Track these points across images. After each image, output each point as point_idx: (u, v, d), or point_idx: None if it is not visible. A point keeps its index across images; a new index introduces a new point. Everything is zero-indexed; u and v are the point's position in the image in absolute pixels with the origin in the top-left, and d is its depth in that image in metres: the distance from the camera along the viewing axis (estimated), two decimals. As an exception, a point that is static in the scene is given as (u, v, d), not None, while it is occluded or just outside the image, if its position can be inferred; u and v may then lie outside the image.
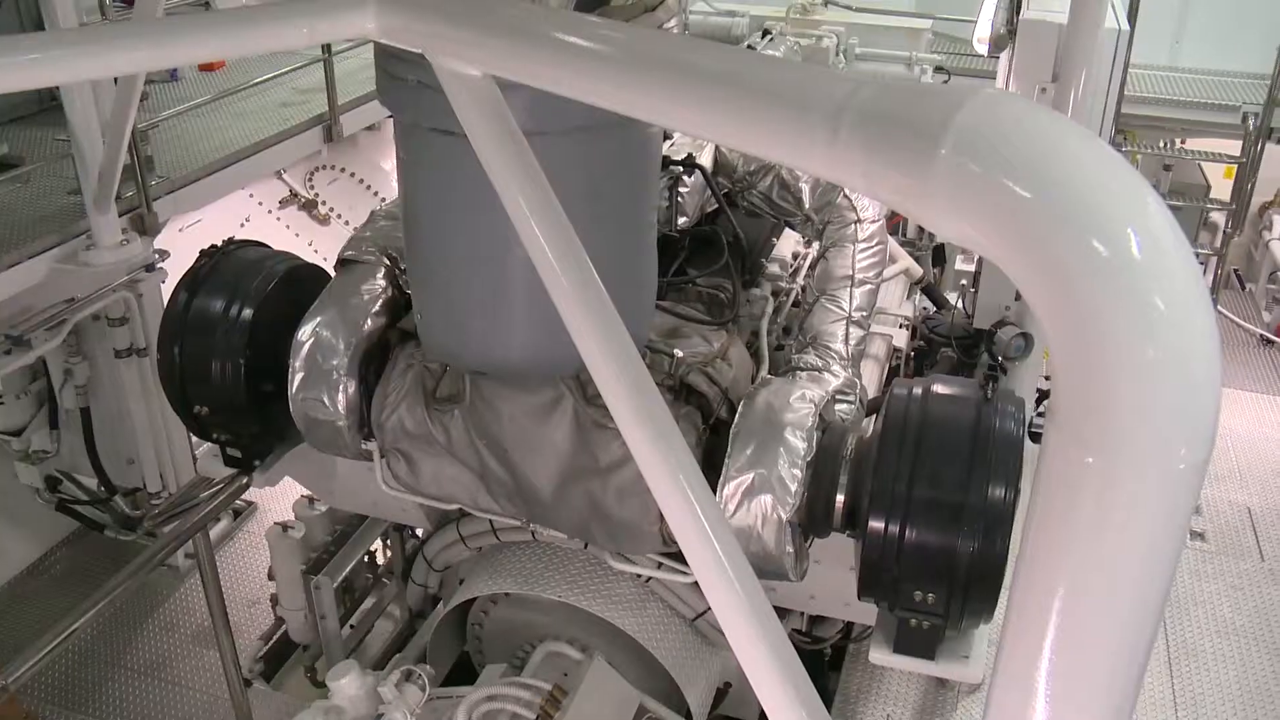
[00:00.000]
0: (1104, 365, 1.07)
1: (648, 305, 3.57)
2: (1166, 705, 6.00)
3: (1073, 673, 1.24)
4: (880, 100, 1.20)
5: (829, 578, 3.87)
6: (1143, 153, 9.44)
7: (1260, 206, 12.42)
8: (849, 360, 3.87)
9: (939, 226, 1.16)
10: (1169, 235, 1.09)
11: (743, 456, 3.28)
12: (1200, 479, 1.14)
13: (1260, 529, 7.48)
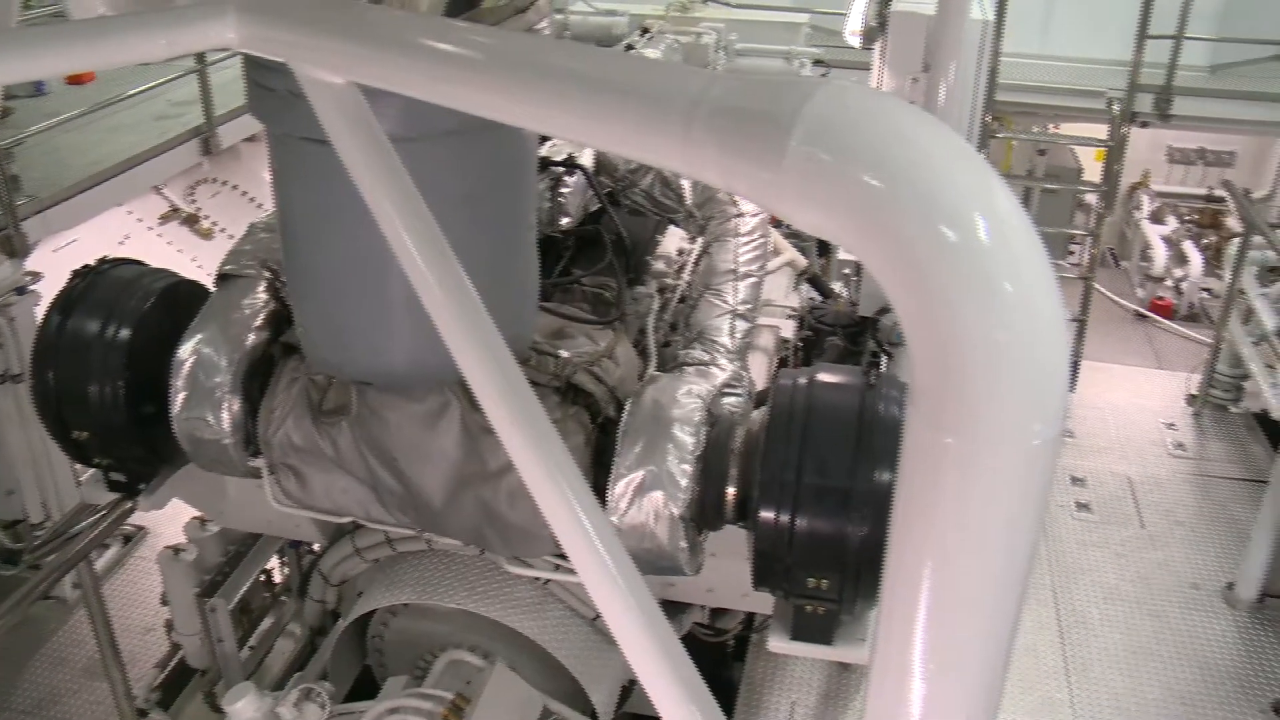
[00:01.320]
0: (957, 349, 1.09)
1: (530, 307, 3.56)
2: (1059, 672, 6.18)
3: (946, 646, 1.27)
4: (732, 94, 1.21)
5: (726, 570, 3.90)
6: (1017, 138, 9.67)
7: (1130, 187, 12.85)
8: (735, 353, 3.91)
9: (794, 217, 1.18)
10: (1015, 221, 1.12)
11: (632, 454, 3.29)
12: (1055, 453, 1.18)
13: (1140, 497, 7.75)
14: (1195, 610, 6.72)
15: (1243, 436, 8.60)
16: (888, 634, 1.31)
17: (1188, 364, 9.59)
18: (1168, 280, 11.61)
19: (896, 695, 1.33)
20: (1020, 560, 1.23)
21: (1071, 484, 7.85)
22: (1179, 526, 7.47)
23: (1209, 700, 6.08)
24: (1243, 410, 8.78)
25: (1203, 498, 7.82)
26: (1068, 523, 7.41)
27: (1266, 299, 7.91)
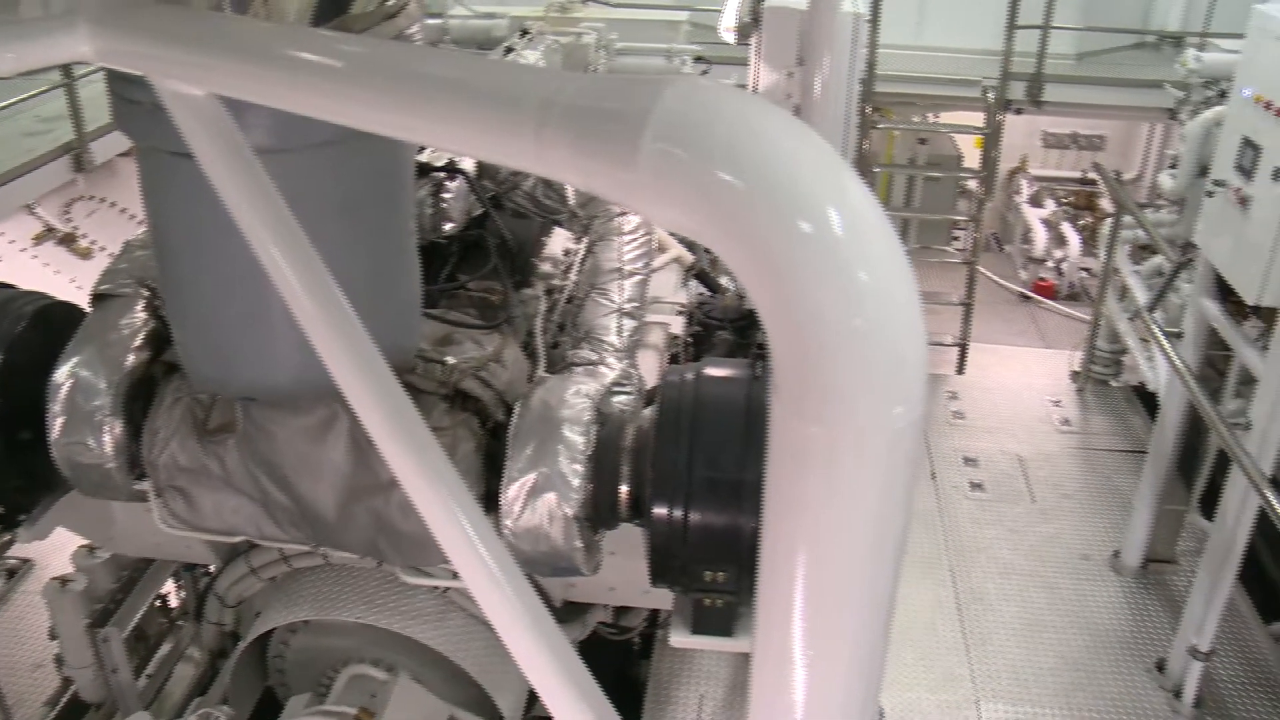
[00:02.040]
0: (816, 339, 1.11)
1: (414, 315, 3.52)
2: (958, 648, 6.32)
3: (824, 631, 1.29)
4: (584, 95, 1.22)
5: (626, 568, 3.91)
6: (898, 128, 9.85)
7: (1009, 172, 13.21)
8: (624, 352, 3.92)
9: (652, 215, 1.19)
10: (868, 212, 1.15)
11: (522, 457, 3.29)
12: (918, 434, 1.21)
13: (1030, 474, 7.96)
14: (1085, 580, 6.92)
15: (1123, 409, 8.88)
16: (767, 623, 1.32)
17: (1071, 342, 9.87)
18: (1049, 261, 11.96)
19: (778, 683, 1.34)
20: (891, 542, 1.25)
21: (964, 464, 8.03)
22: (1068, 500, 7.69)
23: (1099, 664, 6.27)
24: (1122, 384, 9.07)
25: (1089, 471, 8.05)
26: (962, 503, 7.58)
27: (1139, 276, 8.18)
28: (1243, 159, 5.45)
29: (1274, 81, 5.21)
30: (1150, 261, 8.33)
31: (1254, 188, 5.32)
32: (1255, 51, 5.50)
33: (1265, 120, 5.23)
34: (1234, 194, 5.49)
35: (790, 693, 1.34)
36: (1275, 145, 5.17)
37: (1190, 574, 6.19)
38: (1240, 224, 5.42)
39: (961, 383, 9.21)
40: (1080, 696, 6.05)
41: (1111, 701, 6.03)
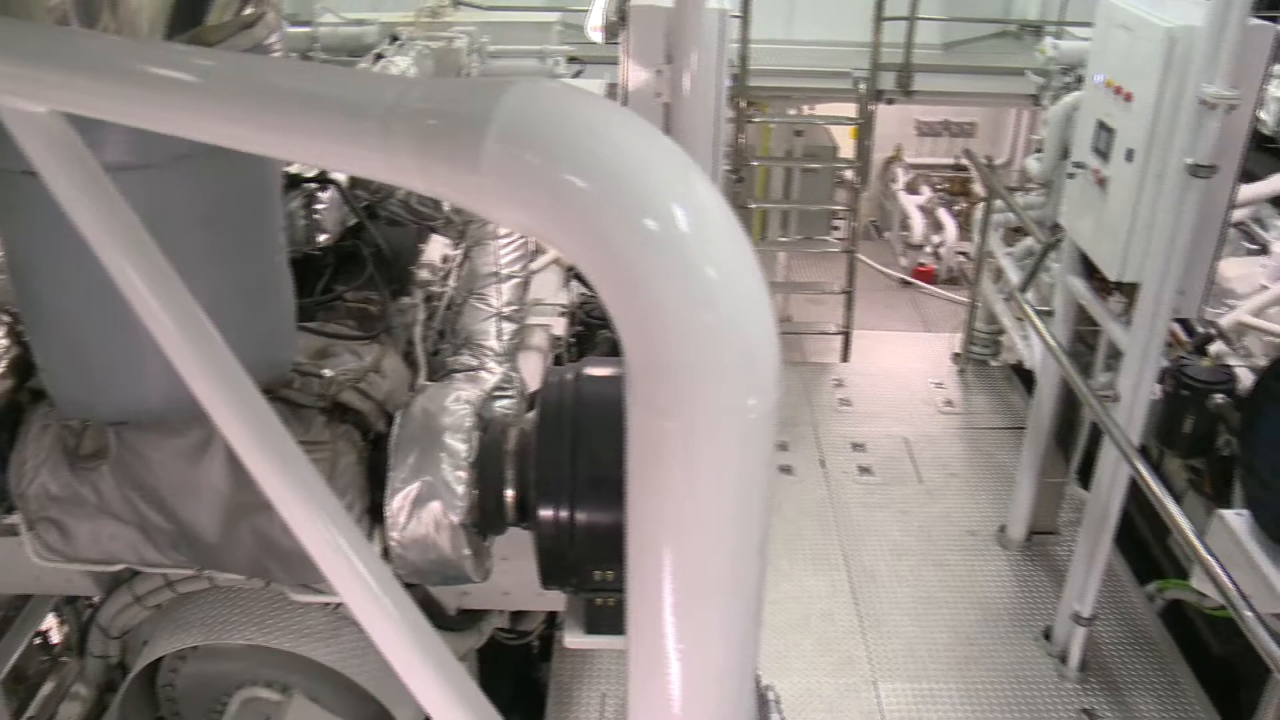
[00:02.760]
0: (666, 335, 1.12)
1: (287, 329, 3.46)
2: (854, 630, 6.43)
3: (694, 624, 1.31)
4: (427, 98, 1.21)
5: (519, 571, 3.90)
6: (773, 121, 9.96)
7: (885, 161, 13.45)
8: (504, 355, 3.91)
9: (499, 218, 1.19)
10: (714, 208, 1.16)
11: (405, 466, 3.26)
12: (773, 424, 1.22)
13: (916, 455, 8.13)
14: (973, 555, 7.10)
15: (1003, 388, 9.12)
16: (638, 619, 1.34)
17: (951, 325, 10.10)
18: (927, 247, 12.21)
19: (654, 677, 1.36)
20: (754, 531, 1.27)
21: (852, 450, 8.17)
22: (954, 479, 7.88)
23: (990, 636, 6.44)
24: (1001, 363, 9.32)
25: (972, 449, 8.26)
26: (851, 488, 7.72)
27: (1012, 258, 8.39)
28: (1098, 142, 5.64)
29: (1122, 67, 5.40)
30: (1022, 243, 8.55)
31: (1110, 169, 5.51)
32: (1104, 39, 5.70)
33: (1116, 104, 5.42)
34: (1093, 175, 5.67)
35: (667, 686, 1.35)
36: (1126, 128, 5.35)
37: (1071, 543, 6.38)
38: (1100, 204, 5.61)
39: (846, 370, 9.37)
40: (973, 669, 6.20)
41: (1003, 671, 6.20)
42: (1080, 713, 5.98)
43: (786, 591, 6.70)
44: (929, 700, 5.99)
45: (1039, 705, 6.00)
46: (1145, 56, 5.13)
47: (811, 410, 8.67)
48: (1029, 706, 5.99)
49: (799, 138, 10.83)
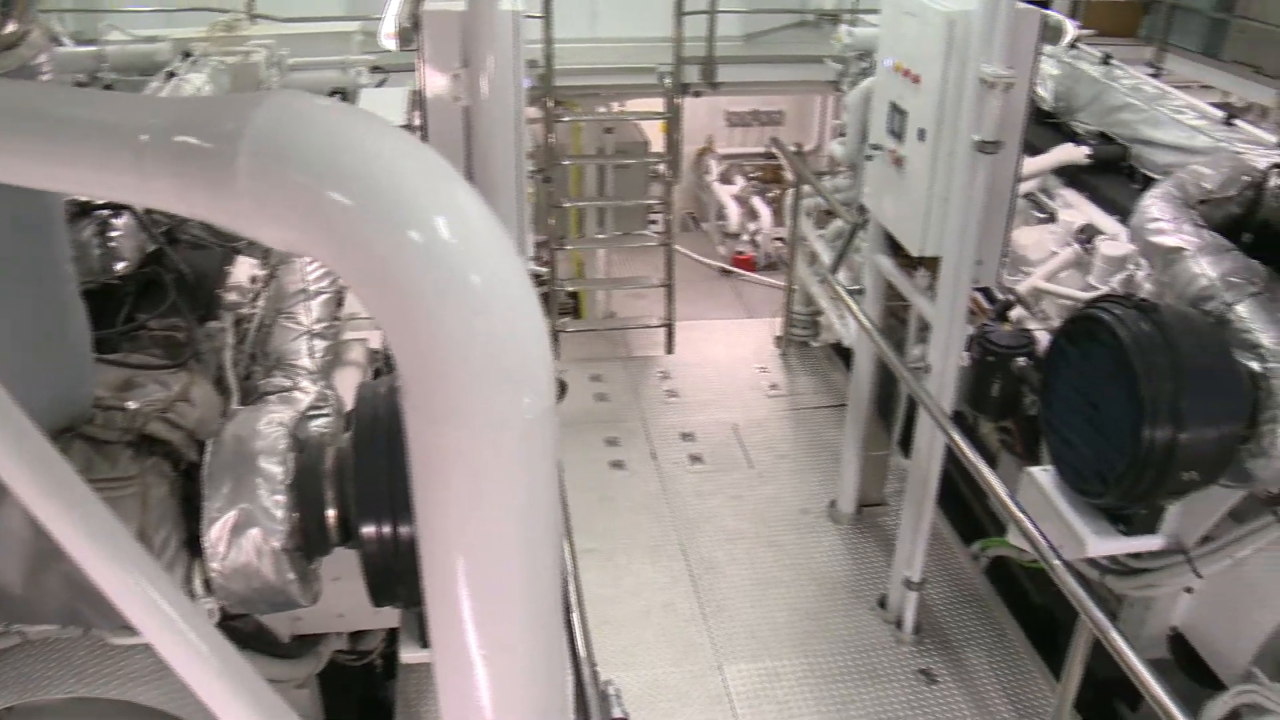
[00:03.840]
0: (437, 345, 1.13)
1: (83, 364, 3.33)
2: (696, 617, 6.53)
3: (496, 627, 1.32)
4: (178, 118, 1.19)
5: (352, 591, 3.82)
6: (582, 120, 10.00)
7: (698, 153, 13.64)
8: (318, 373, 3.84)
9: (261, 237, 1.18)
10: (477, 215, 1.18)
11: (220, 495, 3.17)
12: (552, 422, 1.24)
13: (745, 440, 8.29)
14: (807, 533, 7.28)
15: (825, 367, 9.38)
16: (439, 629, 1.34)
17: (771, 309, 10.30)
18: (744, 235, 12.45)
19: (463, 686, 1.36)
20: (544, 527, 1.29)
21: (682, 440, 8.28)
22: (783, 460, 8.06)
23: (828, 609, 6.63)
24: (822, 344, 9.57)
25: (799, 430, 8.47)
26: (684, 478, 7.82)
27: (824, 241, 8.63)
28: (893, 123, 5.85)
29: (909, 51, 5.61)
30: (833, 225, 8.78)
31: (905, 149, 5.72)
32: (891, 24, 5.91)
33: (906, 87, 5.63)
34: (889, 156, 5.88)
35: (476, 693, 1.36)
36: (917, 109, 5.57)
37: (899, 512, 6.60)
38: (898, 183, 5.82)
39: (672, 361, 9.49)
40: (814, 643, 6.36)
41: (842, 642, 6.37)
42: (918, 673, 6.20)
43: (627, 585, 6.76)
44: (773, 678, 6.12)
45: (879, 671, 6.19)
46: (929, 40, 5.34)
47: (640, 404, 8.75)
48: (869, 673, 6.17)
49: (609, 135, 10.90)
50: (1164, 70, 10.91)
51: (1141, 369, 3.98)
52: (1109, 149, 6.55)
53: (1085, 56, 7.31)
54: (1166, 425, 3.95)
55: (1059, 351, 4.48)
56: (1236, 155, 5.16)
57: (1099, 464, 4.24)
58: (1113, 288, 5.53)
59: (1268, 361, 4.03)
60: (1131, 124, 6.46)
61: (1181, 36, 11.23)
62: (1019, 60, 4.98)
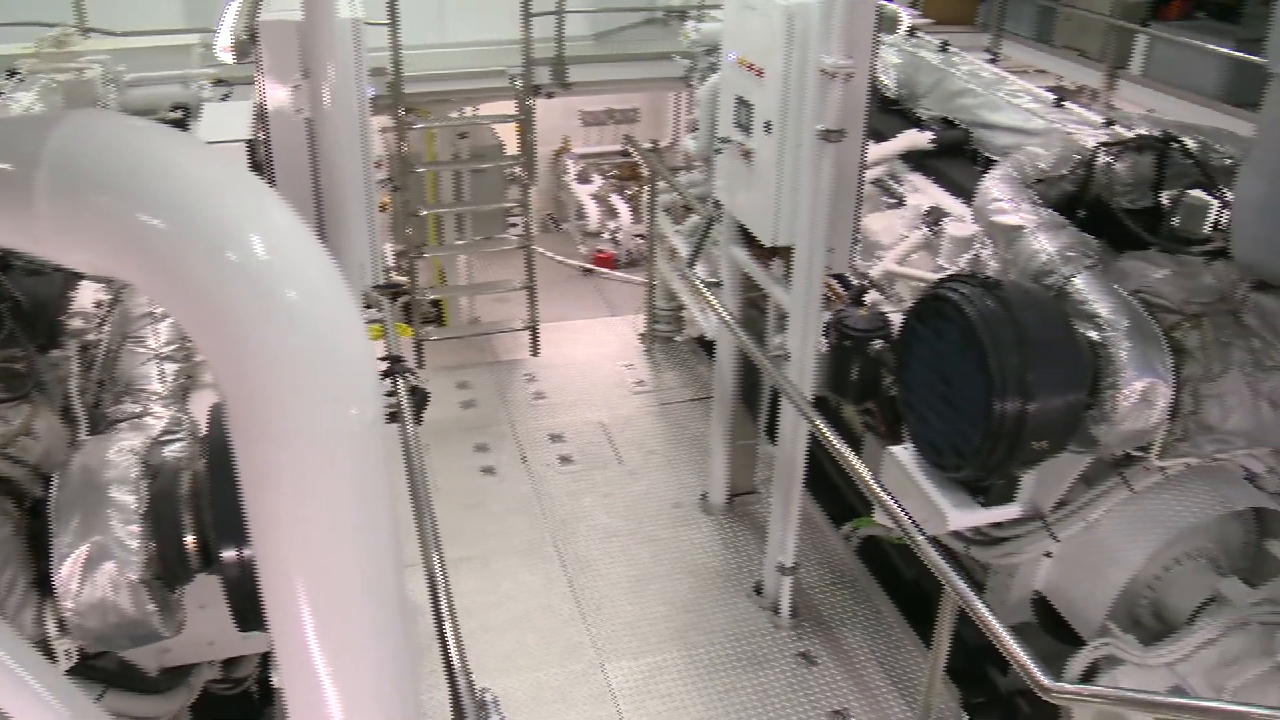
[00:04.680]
0: (259, 364, 1.12)
1: (-89, 403, 3.20)
2: (575, 618, 6.53)
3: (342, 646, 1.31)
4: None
5: (220, 618, 3.74)
6: (435, 126, 9.91)
7: (554, 154, 13.64)
8: (170, 397, 3.74)
9: (66, 260, 1.14)
10: (293, 232, 1.16)
11: (70, 530, 3.06)
12: (380, 428, 1.24)
13: (614, 438, 8.32)
14: (680, 526, 7.35)
15: (690, 361, 9.47)
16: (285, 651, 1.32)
17: (635, 306, 10.35)
18: (604, 234, 12.50)
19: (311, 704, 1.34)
20: (382, 537, 1.29)
21: (552, 442, 8.28)
22: (653, 455, 8.12)
23: (705, 600, 6.70)
24: (685, 338, 9.66)
25: (667, 424, 8.54)
26: (555, 479, 7.82)
27: (681, 236, 8.70)
28: (740, 116, 5.93)
29: (752, 45, 5.70)
30: (690, 220, 8.87)
31: (753, 141, 5.81)
32: (734, 19, 6.00)
33: (751, 80, 5.71)
34: (738, 149, 5.96)
35: (326, 711, 1.34)
36: (762, 102, 5.66)
37: (770, 500, 6.69)
38: (748, 176, 5.91)
39: (538, 364, 9.48)
40: (694, 635, 6.42)
41: (721, 632, 6.45)
42: (797, 656, 6.30)
43: (504, 590, 6.73)
44: (655, 672, 6.16)
45: (759, 657, 6.28)
46: (770, 34, 5.43)
47: (507, 408, 8.72)
48: (749, 660, 6.25)
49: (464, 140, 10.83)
50: (1001, 56, 11.29)
51: (989, 344, 4.10)
52: (951, 133, 6.75)
53: (925, 45, 7.52)
54: (1015, 397, 4.07)
55: (911, 332, 4.60)
56: (1068, 136, 5.36)
57: (955, 439, 4.37)
58: (960, 267, 5.70)
59: (1105, 330, 4.19)
60: (971, 109, 6.66)
61: (1015, 23, 11.63)
62: (858, 50, 5.10)
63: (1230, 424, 4.28)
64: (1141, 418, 4.17)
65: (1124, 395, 4.12)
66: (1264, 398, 4.24)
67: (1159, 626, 4.88)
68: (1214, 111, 8.89)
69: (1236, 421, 4.27)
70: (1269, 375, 4.24)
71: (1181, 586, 4.86)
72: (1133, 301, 4.32)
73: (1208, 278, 4.49)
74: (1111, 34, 10.31)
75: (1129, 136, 5.23)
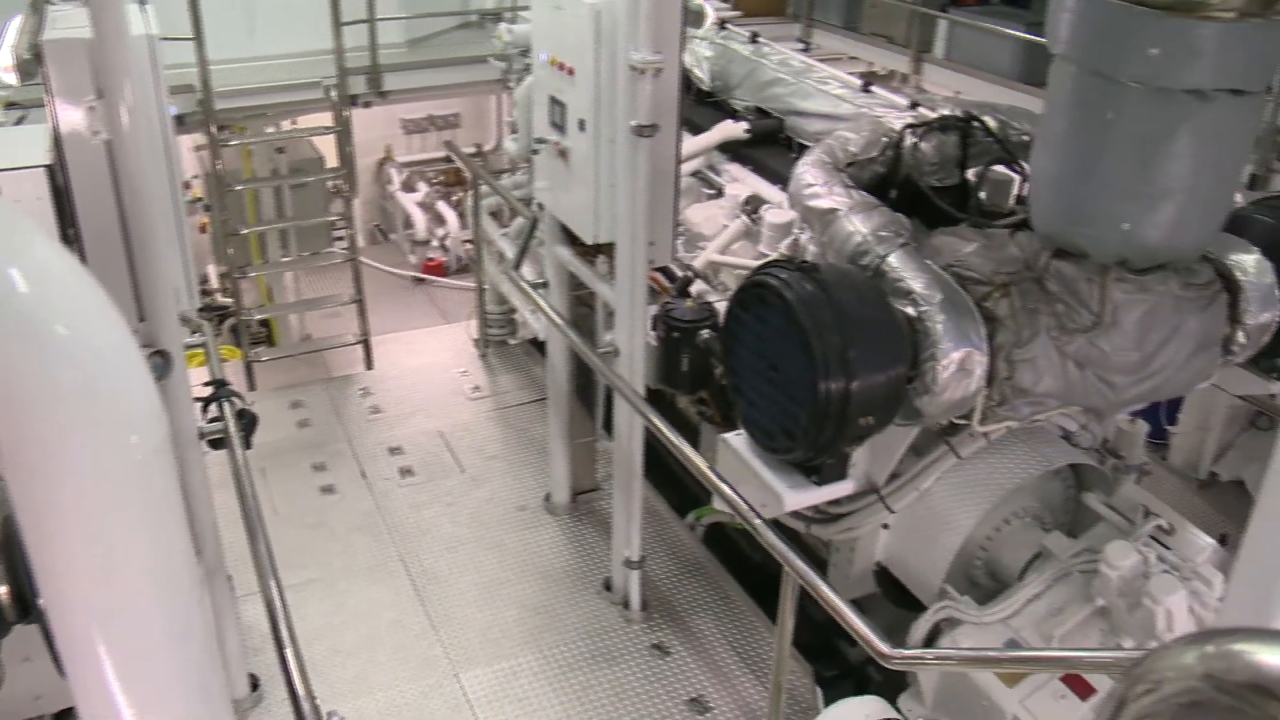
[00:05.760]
0: (29, 403, 1.07)
1: None
2: (427, 631, 6.46)
3: (144, 686, 1.26)
4: None
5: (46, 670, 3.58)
6: (250, 142, 9.65)
7: (378, 164, 13.43)
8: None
9: None
10: (56, 264, 1.11)
11: None
12: (166, 453, 1.20)
13: (454, 446, 8.25)
14: (526, 529, 7.32)
15: (525, 363, 9.45)
16: (84, 700, 1.27)
17: (468, 313, 10.27)
18: (433, 242, 12.36)
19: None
20: (176, 560, 1.24)
21: (391, 455, 8.16)
22: (494, 461, 8.07)
23: (557, 601, 6.70)
24: (519, 340, 9.63)
25: (507, 428, 8.50)
26: (396, 492, 7.71)
27: (508, 238, 8.67)
28: (554, 116, 5.94)
29: (561, 44, 5.71)
30: (515, 223, 8.84)
31: (569, 140, 5.82)
32: (542, 19, 5.99)
33: (562, 79, 5.72)
34: (554, 149, 5.97)
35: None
36: (575, 101, 5.67)
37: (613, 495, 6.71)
38: (566, 175, 5.92)
39: (372, 377, 9.32)
40: (547, 636, 6.41)
41: (574, 631, 6.45)
42: (651, 648, 6.35)
43: (352, 610, 6.61)
44: (511, 677, 6.13)
45: (612, 652, 6.30)
46: (578, 32, 5.45)
47: (344, 425, 8.56)
48: (604, 656, 6.28)
49: (282, 155, 10.58)
50: (813, 45, 11.57)
51: (810, 327, 4.19)
52: (765, 122, 6.89)
53: (735, 36, 7.64)
54: (839, 376, 4.17)
55: (735, 319, 4.67)
56: (877, 119, 5.51)
57: (784, 421, 4.45)
58: (781, 253, 5.82)
59: (920, 305, 4.33)
60: (783, 97, 6.80)
61: (824, 12, 11.93)
62: (666, 45, 5.15)
63: (1042, 386, 4.46)
64: (961, 386, 4.31)
65: (943, 366, 4.25)
66: (1070, 359, 4.44)
67: (993, 585, 5.08)
68: (1012, 91, 9.28)
69: (1048, 383, 4.46)
70: (1073, 338, 4.43)
71: (1011, 545, 5.07)
72: (945, 276, 4.47)
73: (1013, 249, 4.67)
74: (915, 20, 10.65)
75: (933, 117, 5.41)
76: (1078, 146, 4.20)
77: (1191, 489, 8.06)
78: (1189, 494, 8.00)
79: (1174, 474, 8.17)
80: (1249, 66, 3.93)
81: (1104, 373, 4.51)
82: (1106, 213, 4.19)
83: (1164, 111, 3.94)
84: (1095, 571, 4.55)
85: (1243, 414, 7.88)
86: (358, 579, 6.87)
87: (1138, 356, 4.53)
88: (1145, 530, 4.80)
